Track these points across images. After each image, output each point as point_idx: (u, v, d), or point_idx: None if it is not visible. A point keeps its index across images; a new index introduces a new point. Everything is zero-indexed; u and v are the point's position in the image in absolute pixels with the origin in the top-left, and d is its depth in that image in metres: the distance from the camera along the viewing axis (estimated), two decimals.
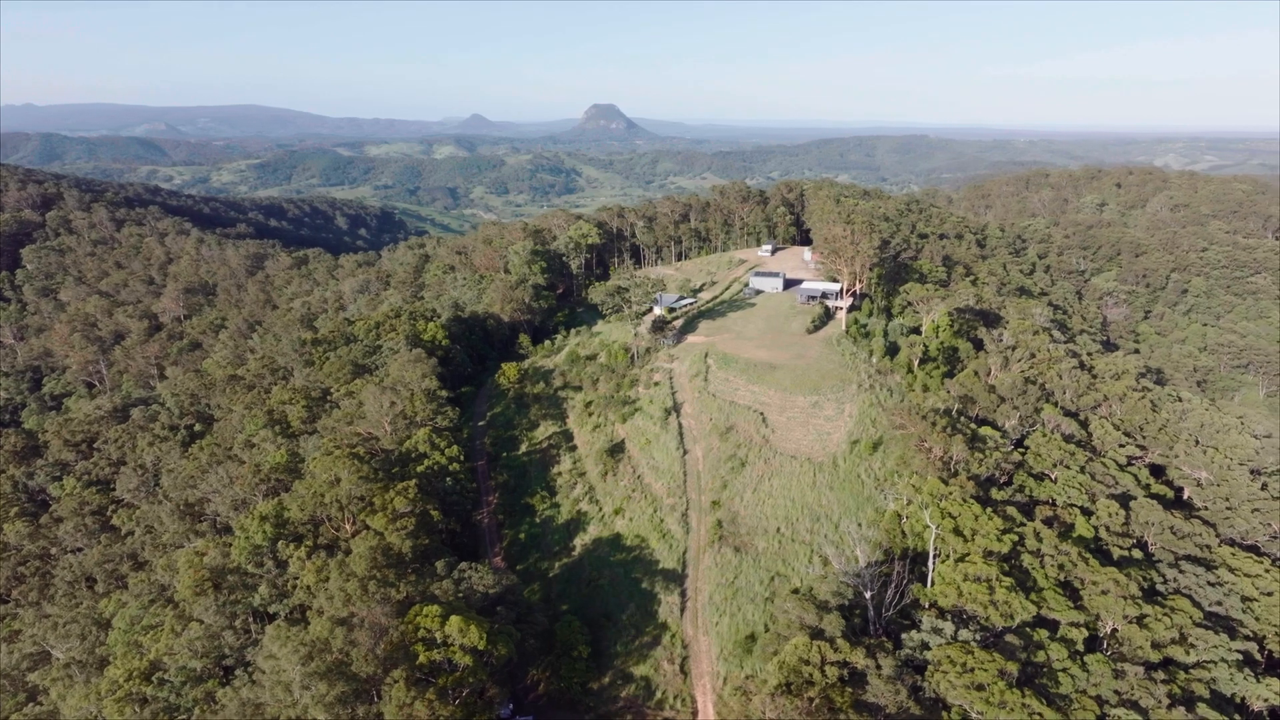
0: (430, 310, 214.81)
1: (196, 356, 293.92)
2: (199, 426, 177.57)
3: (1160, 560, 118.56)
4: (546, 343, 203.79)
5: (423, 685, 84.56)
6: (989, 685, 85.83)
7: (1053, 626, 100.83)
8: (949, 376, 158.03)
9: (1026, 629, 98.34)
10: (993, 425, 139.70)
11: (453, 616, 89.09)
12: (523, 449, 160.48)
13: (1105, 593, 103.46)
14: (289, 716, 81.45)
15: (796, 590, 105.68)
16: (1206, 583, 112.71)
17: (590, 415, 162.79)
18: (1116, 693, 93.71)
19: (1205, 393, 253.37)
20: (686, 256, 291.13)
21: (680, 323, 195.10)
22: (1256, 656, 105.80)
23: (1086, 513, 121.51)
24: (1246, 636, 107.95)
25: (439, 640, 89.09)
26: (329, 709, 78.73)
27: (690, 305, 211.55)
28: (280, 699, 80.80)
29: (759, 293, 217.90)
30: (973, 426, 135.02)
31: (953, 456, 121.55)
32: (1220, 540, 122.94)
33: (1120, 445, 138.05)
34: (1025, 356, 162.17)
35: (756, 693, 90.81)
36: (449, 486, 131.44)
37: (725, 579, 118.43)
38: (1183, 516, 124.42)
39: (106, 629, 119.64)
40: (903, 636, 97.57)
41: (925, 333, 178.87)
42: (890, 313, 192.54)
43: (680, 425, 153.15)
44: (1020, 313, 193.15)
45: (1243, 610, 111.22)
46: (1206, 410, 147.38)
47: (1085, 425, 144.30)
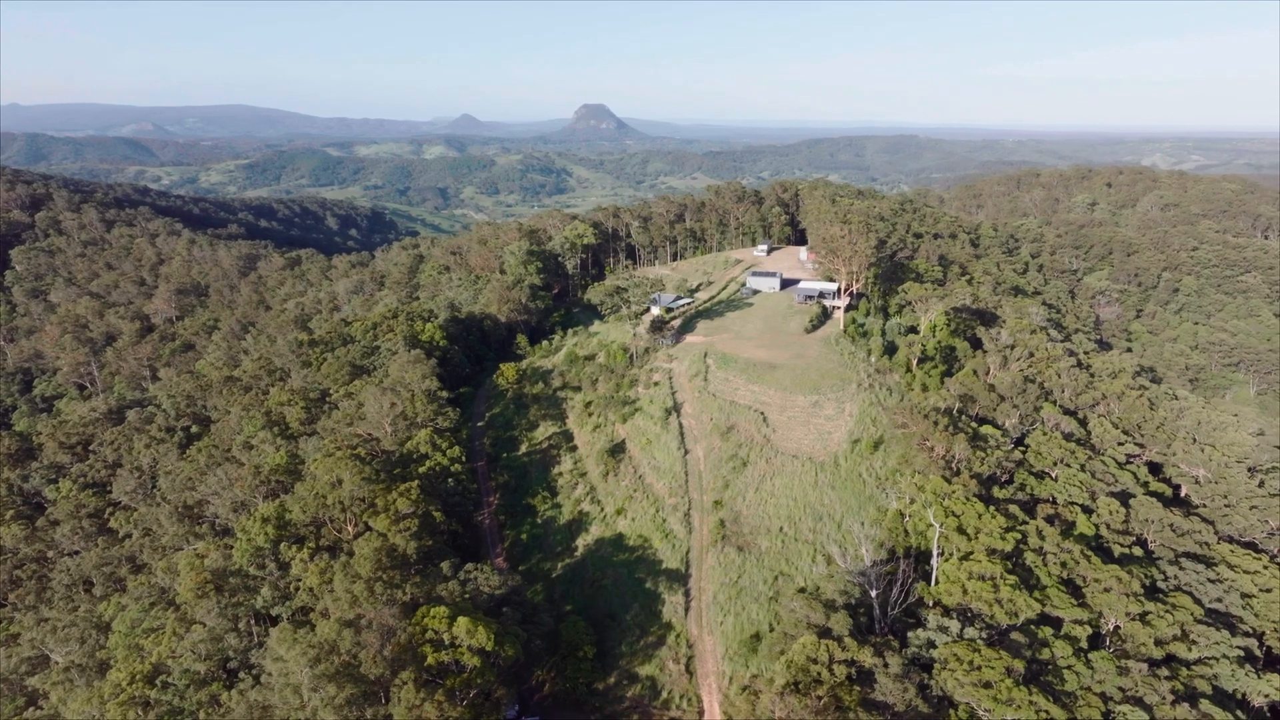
0: (427, 311, 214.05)
1: (189, 358, 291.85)
2: (196, 428, 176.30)
3: (1160, 558, 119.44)
4: (544, 343, 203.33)
5: (431, 687, 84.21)
6: (996, 683, 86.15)
7: (1056, 624, 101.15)
8: (947, 376, 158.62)
9: (1031, 626, 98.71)
10: (993, 424, 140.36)
11: (460, 618, 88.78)
12: (523, 449, 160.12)
13: (1108, 590, 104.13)
14: (298, 719, 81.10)
15: (803, 589, 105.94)
16: (1207, 580, 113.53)
17: (590, 415, 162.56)
18: (1121, 689, 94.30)
19: (1197, 391, 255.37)
20: (682, 256, 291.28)
21: (678, 323, 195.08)
22: (1256, 652, 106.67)
23: (1087, 511, 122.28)
24: (1246, 633, 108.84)
25: (446, 641, 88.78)
26: (338, 711, 78.30)
27: (687, 305, 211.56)
28: (289, 701, 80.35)
29: (756, 292, 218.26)
30: (974, 425, 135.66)
31: (955, 455, 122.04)
32: (1219, 537, 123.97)
33: (1119, 443, 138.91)
34: (1024, 355, 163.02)
35: (764, 692, 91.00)
36: (451, 487, 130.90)
37: (729, 578, 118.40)
38: (1182, 514, 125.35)
39: (106, 632, 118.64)
40: (909, 635, 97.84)
41: (923, 332, 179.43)
42: (887, 312, 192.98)
43: (681, 425, 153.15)
44: (1017, 312, 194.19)
45: (1242, 607, 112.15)
46: (1203, 408, 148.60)
47: (1084, 423, 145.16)
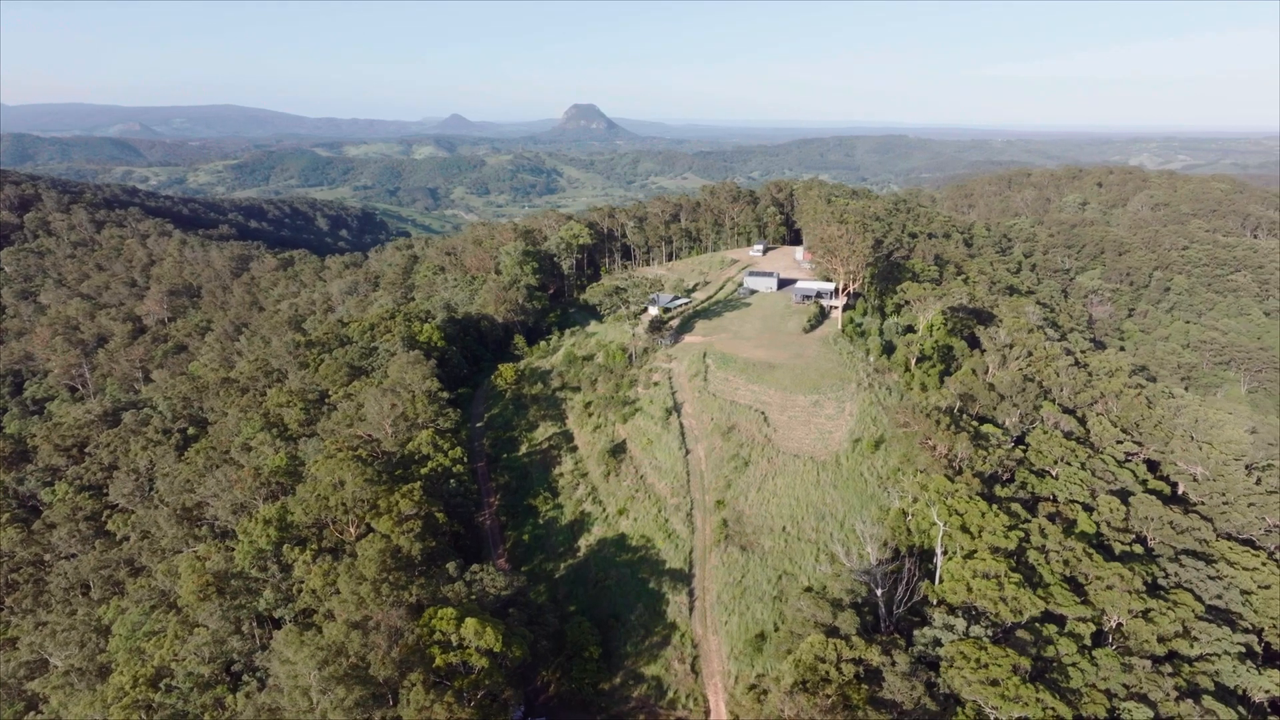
0: (425, 312, 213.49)
1: (182, 359, 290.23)
2: (193, 430, 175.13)
3: (1160, 555, 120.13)
4: (542, 343, 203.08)
5: (440, 688, 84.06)
6: (1003, 681, 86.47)
7: (1060, 621, 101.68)
8: (945, 375, 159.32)
9: (1035, 624, 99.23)
10: (994, 422, 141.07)
11: (468, 619, 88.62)
12: (523, 450, 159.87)
13: (1110, 588, 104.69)
14: None
15: (809, 588, 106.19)
16: (1207, 576, 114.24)
17: (590, 416, 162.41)
18: (1125, 686, 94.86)
19: (1189, 389, 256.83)
20: (677, 256, 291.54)
21: (676, 323, 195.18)
22: (1255, 648, 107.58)
23: (1088, 509, 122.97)
24: (1245, 629, 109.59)
25: (454, 643, 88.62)
26: (348, 713, 78.04)
27: (685, 305, 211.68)
28: (298, 703, 79.94)
29: (753, 292, 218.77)
30: (975, 424, 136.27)
31: (957, 454, 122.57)
32: (1218, 534, 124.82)
33: (1118, 441, 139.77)
34: (1023, 354, 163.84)
35: (773, 691, 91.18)
36: (453, 488, 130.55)
37: (733, 578, 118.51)
38: (1181, 511, 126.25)
39: (106, 636, 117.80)
40: (914, 633, 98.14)
41: (920, 332, 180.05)
42: (884, 312, 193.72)
43: (681, 425, 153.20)
44: (1014, 311, 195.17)
45: (1242, 603, 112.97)
46: (1200, 406, 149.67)
47: (1083, 422, 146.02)
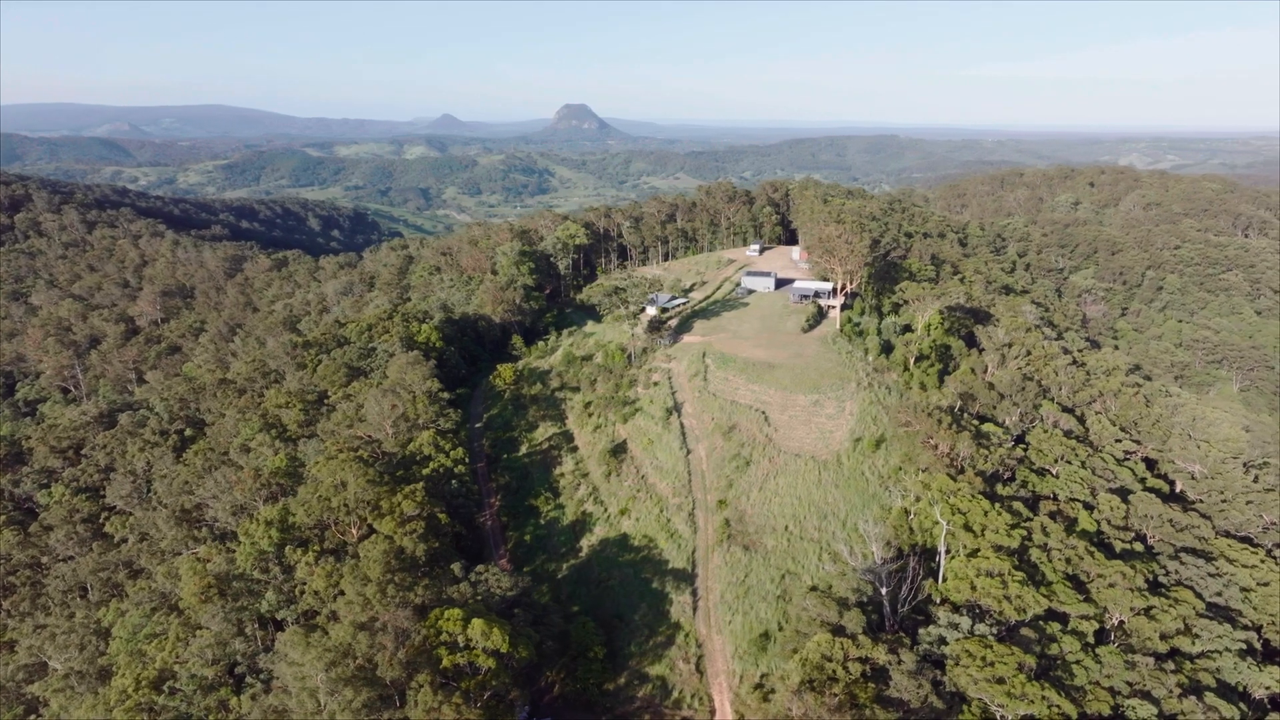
0: (422, 312, 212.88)
1: (176, 360, 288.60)
2: (190, 431, 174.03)
3: (1160, 553, 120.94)
4: (540, 344, 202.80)
5: (448, 689, 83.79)
6: (1009, 679, 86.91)
7: (1063, 619, 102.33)
8: (944, 374, 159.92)
9: (1039, 622, 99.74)
10: (994, 422, 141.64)
11: (475, 620, 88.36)
12: (523, 450, 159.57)
13: (1112, 585, 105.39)
14: None
15: (815, 588, 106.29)
16: (1207, 574, 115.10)
17: (590, 416, 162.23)
18: (1129, 683, 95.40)
19: (1183, 388, 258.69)
20: (673, 256, 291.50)
21: (675, 322, 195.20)
22: (1255, 645, 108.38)
23: (1088, 507, 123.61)
24: (1245, 626, 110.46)
25: (461, 644, 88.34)
26: (356, 714, 77.70)
27: (683, 305, 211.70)
28: (305, 705, 79.55)
29: (751, 292, 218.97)
30: (975, 423, 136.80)
31: (959, 453, 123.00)
32: (1216, 532, 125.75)
33: (1116, 440, 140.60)
34: (1021, 353, 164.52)
35: (779, 690, 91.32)
36: (454, 489, 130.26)
37: (736, 578, 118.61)
38: (1179, 509, 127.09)
39: (106, 638, 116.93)
40: (919, 632, 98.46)
41: (918, 331, 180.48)
42: (881, 311, 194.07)
43: (682, 425, 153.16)
44: (1011, 310, 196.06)
45: (1241, 600, 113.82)
46: (1198, 404, 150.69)
47: (1082, 420, 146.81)
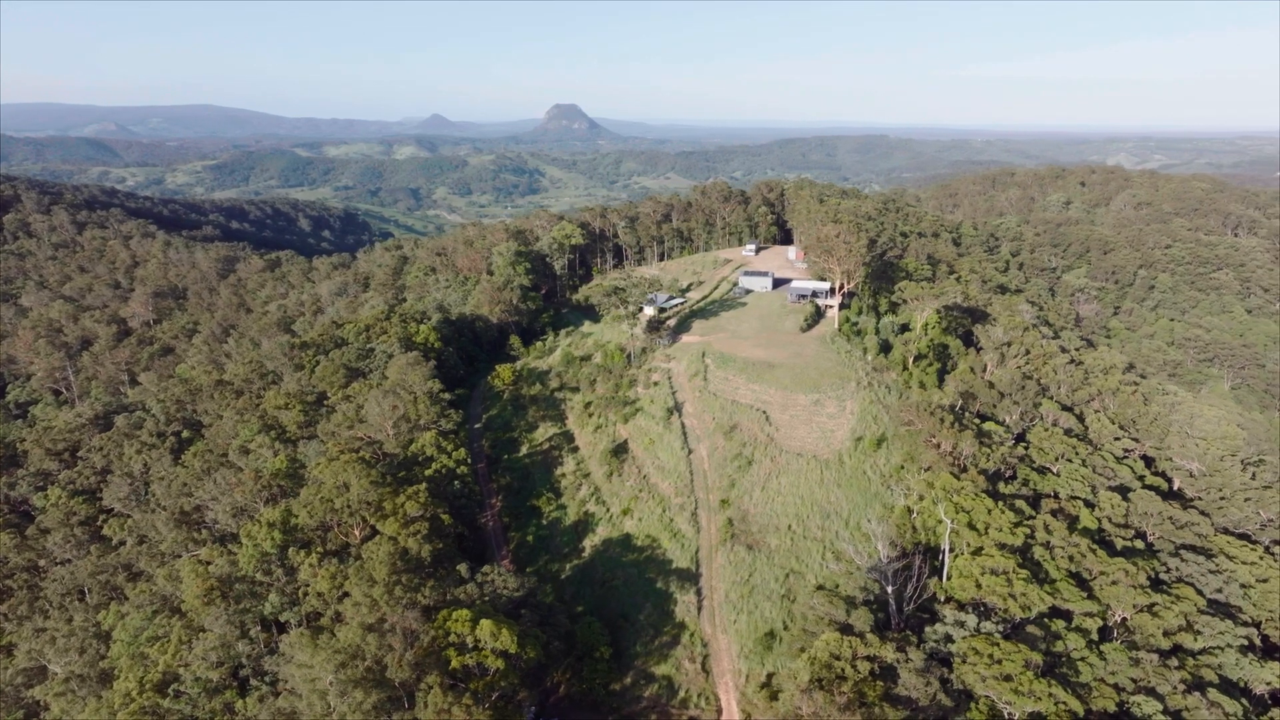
0: (420, 313, 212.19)
1: (169, 362, 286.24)
2: (187, 433, 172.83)
3: (1160, 550, 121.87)
4: (538, 344, 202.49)
5: (457, 690, 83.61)
6: (1016, 676, 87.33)
7: (1067, 617, 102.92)
8: (943, 373, 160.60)
9: (1044, 620, 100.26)
10: (995, 420, 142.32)
11: (483, 620, 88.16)
12: (523, 451, 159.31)
13: (1115, 583, 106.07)
14: None
15: (822, 586, 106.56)
16: (1207, 571, 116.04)
17: (591, 416, 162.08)
18: (1133, 680, 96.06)
19: (1176, 386, 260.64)
20: (669, 256, 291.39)
21: (673, 322, 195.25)
22: (1255, 641, 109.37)
23: (1089, 505, 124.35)
24: (1245, 622, 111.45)
25: (470, 644, 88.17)
26: (366, 716, 77.47)
27: (681, 305, 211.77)
28: (315, 707, 79.24)
29: (749, 292, 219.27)
30: (977, 421, 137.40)
31: (962, 451, 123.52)
32: (1216, 529, 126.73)
33: (1115, 438, 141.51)
34: (1020, 352, 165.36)
35: (787, 688, 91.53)
36: (457, 490, 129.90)
37: (740, 577, 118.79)
38: (1179, 506, 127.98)
39: (107, 641, 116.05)
40: (925, 630, 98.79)
41: (916, 330, 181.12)
42: (879, 311, 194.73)
43: (683, 425, 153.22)
44: (1008, 309, 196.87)
45: (1241, 597, 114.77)
46: (1195, 402, 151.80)
47: (1081, 419, 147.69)
